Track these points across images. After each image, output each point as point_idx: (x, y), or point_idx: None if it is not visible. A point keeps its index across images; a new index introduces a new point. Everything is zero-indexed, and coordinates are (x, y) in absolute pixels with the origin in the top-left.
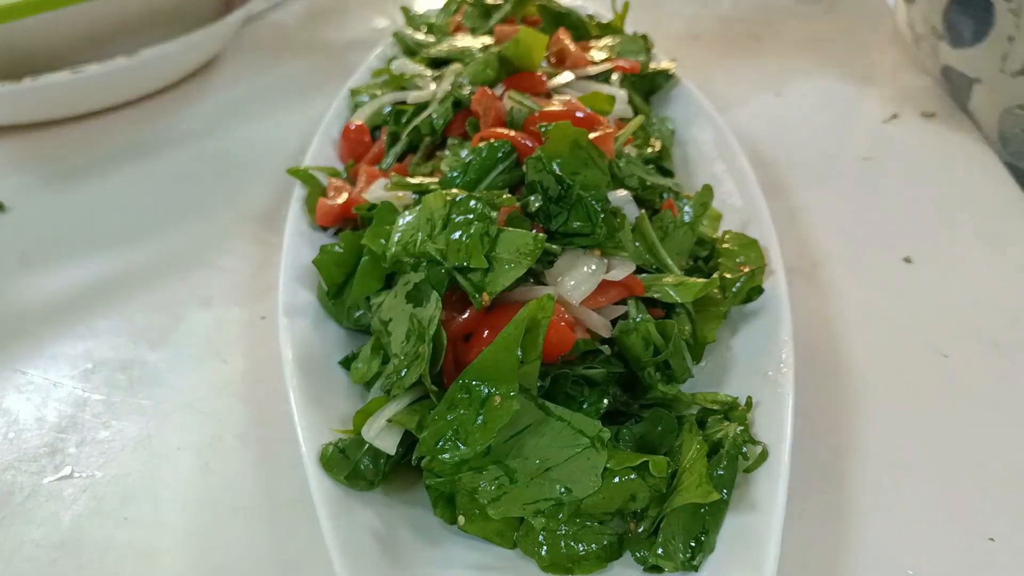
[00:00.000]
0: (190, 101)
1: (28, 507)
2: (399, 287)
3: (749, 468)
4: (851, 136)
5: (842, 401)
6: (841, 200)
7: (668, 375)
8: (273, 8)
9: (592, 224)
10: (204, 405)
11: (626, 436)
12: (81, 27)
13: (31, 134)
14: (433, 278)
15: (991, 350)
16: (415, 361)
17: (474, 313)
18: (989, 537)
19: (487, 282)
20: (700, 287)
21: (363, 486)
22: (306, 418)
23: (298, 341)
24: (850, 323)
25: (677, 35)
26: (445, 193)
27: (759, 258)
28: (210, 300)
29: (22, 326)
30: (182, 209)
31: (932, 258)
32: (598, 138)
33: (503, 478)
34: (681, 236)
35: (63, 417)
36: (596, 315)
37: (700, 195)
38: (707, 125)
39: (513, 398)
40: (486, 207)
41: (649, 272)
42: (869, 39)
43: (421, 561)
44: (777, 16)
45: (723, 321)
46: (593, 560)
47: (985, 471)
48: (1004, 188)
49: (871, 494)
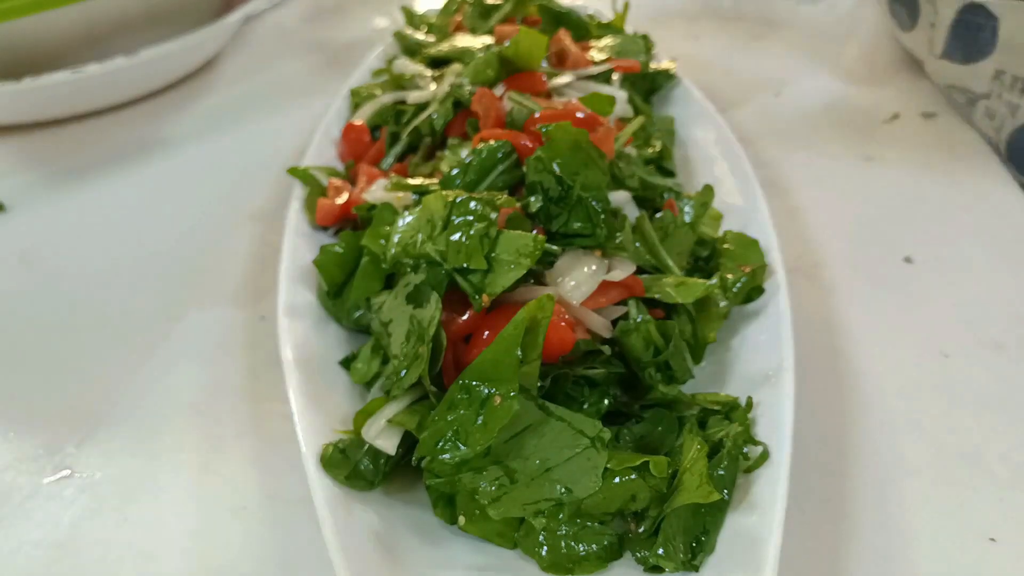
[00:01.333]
0: (190, 101)
1: (27, 507)
2: (399, 288)
3: (749, 468)
4: (851, 136)
5: (842, 401)
6: (841, 200)
7: (669, 375)
8: (273, 8)
9: (592, 225)
10: (204, 405)
11: (626, 436)
12: (81, 27)
13: (31, 134)
14: (433, 279)
15: (991, 350)
16: (415, 362)
17: (474, 314)
18: (989, 537)
19: (487, 283)
20: (701, 288)
21: (363, 486)
22: (306, 418)
23: (298, 341)
24: (850, 323)
25: (678, 34)
26: (445, 194)
27: (760, 258)
28: (210, 300)
29: (21, 326)
30: (182, 209)
31: (932, 258)
32: (598, 138)
33: (503, 478)
34: (681, 236)
35: (62, 417)
36: (596, 316)
37: (701, 195)
38: (707, 125)
39: (513, 398)
40: (486, 208)
41: (649, 273)
42: (869, 39)
43: (421, 561)
44: (777, 16)
45: (724, 321)
46: (593, 560)
47: (985, 471)
48: (1004, 188)
49: (871, 494)
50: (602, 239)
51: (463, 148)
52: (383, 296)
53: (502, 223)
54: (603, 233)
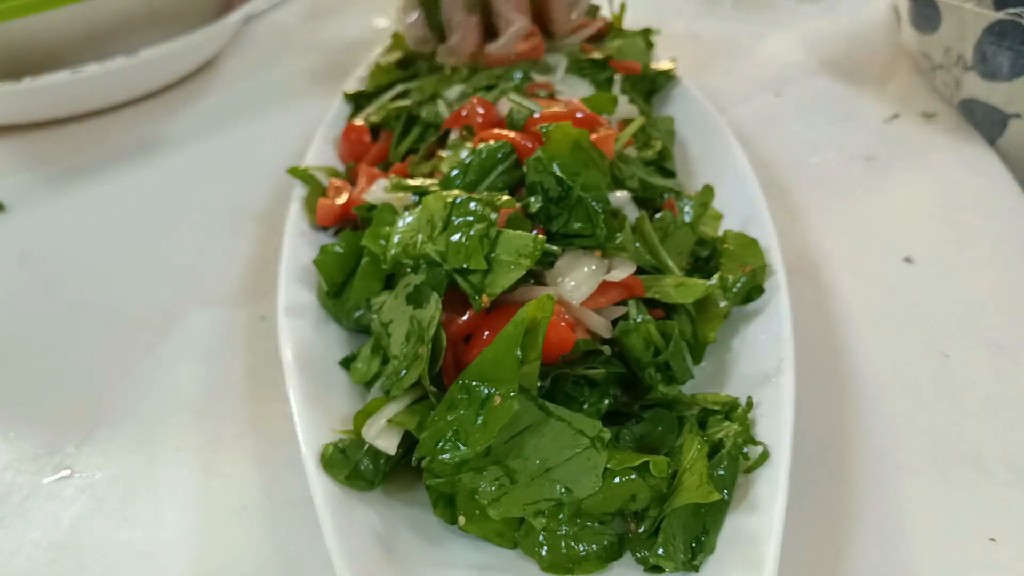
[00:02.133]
0: (190, 101)
1: (27, 507)
2: (399, 288)
3: (750, 468)
4: (851, 136)
5: (842, 401)
6: (841, 200)
7: (669, 376)
8: (273, 8)
9: (592, 225)
10: (204, 405)
11: (626, 436)
12: (81, 27)
13: (31, 134)
14: (433, 280)
15: (991, 350)
16: (415, 362)
17: (474, 314)
18: (989, 537)
19: (487, 283)
20: (701, 288)
21: (363, 486)
22: (306, 418)
23: (298, 341)
24: (850, 323)
25: (677, 35)
26: (445, 194)
27: (760, 258)
28: (210, 300)
29: (21, 326)
30: (182, 209)
31: (932, 258)
32: (599, 139)
33: (503, 479)
34: (681, 236)
35: (62, 417)
36: (596, 316)
37: (701, 195)
38: (707, 125)
39: (513, 398)
40: (486, 208)
41: (649, 273)
42: (869, 39)
43: (421, 561)
44: (778, 15)
45: (724, 321)
46: (593, 560)
47: (985, 471)
48: (1004, 188)
49: (871, 494)
50: (602, 239)
51: (463, 148)
52: (383, 296)
53: (502, 223)
54: (603, 233)
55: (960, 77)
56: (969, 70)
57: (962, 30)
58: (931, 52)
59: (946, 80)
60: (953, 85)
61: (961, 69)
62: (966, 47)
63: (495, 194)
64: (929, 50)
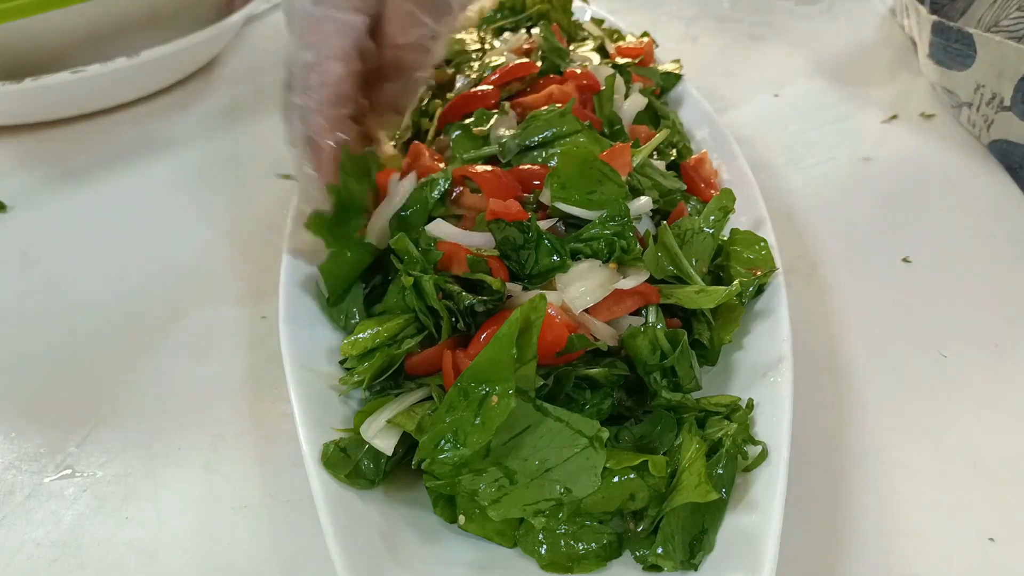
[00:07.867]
0: (191, 102)
1: (29, 506)
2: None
3: (748, 467)
4: (851, 136)
5: (842, 401)
6: (841, 200)
7: (674, 383)
8: (273, 8)
9: (610, 252)
10: (204, 404)
11: (625, 436)
12: (82, 27)
13: (32, 134)
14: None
15: (991, 350)
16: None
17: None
18: (989, 537)
19: None
20: (723, 294)
21: (364, 485)
22: (307, 417)
23: (298, 340)
24: (850, 323)
25: (677, 35)
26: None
27: (770, 260)
28: (210, 299)
29: (22, 325)
30: (183, 209)
31: (932, 258)
32: (611, 154)
33: (503, 479)
34: (700, 243)
35: (64, 416)
36: (600, 323)
37: (719, 199)
38: (706, 126)
39: (510, 396)
40: None
41: (670, 283)
42: (869, 39)
43: (422, 559)
44: (777, 16)
45: (739, 324)
46: (593, 559)
47: (985, 471)
48: (1004, 188)
49: (871, 494)
50: (621, 257)
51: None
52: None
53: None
54: (622, 256)
55: (993, 117)
56: (1005, 110)
57: (1001, 67)
58: (956, 89)
59: (973, 119)
60: (983, 124)
61: (995, 108)
62: (1004, 85)
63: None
64: (954, 86)
